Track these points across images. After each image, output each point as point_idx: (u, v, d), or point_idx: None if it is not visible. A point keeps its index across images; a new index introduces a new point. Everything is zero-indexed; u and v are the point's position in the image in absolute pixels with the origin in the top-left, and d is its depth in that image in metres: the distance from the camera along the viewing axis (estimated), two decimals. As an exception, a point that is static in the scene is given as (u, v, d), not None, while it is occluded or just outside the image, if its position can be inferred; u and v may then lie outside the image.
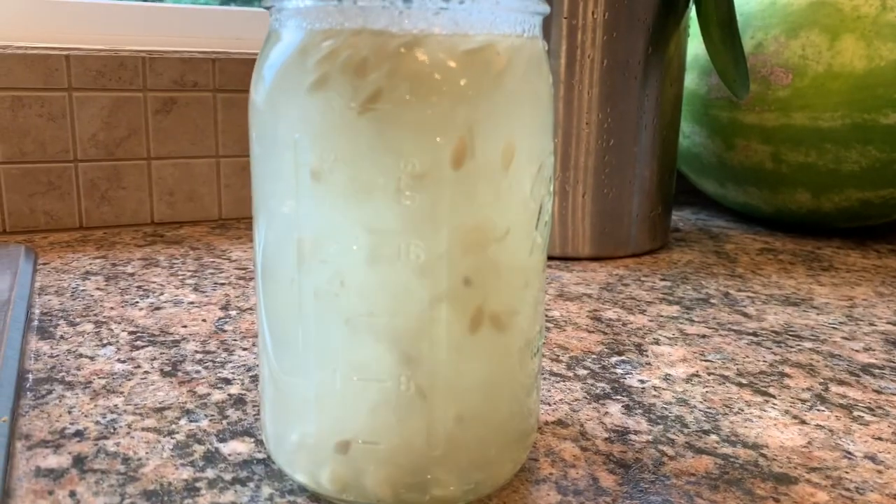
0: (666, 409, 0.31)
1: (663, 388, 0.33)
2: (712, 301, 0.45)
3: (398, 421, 0.22)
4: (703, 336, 0.39)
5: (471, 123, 0.21)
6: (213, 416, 0.29)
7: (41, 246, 0.53)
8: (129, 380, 0.32)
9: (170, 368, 0.34)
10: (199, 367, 0.34)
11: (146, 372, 0.33)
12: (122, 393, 0.31)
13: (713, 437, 0.29)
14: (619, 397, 0.32)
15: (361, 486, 0.23)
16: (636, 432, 0.29)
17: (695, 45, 0.63)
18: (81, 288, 0.44)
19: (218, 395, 0.31)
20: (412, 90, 0.20)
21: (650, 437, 0.29)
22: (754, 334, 0.40)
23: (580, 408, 0.31)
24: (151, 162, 0.58)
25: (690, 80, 0.63)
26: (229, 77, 0.59)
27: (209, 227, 0.60)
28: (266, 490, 0.24)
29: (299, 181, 0.22)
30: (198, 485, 0.25)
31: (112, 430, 0.28)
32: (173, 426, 0.29)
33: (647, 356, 0.36)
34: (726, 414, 0.31)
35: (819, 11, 0.56)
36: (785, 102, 0.57)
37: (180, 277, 0.47)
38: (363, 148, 0.20)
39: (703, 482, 0.26)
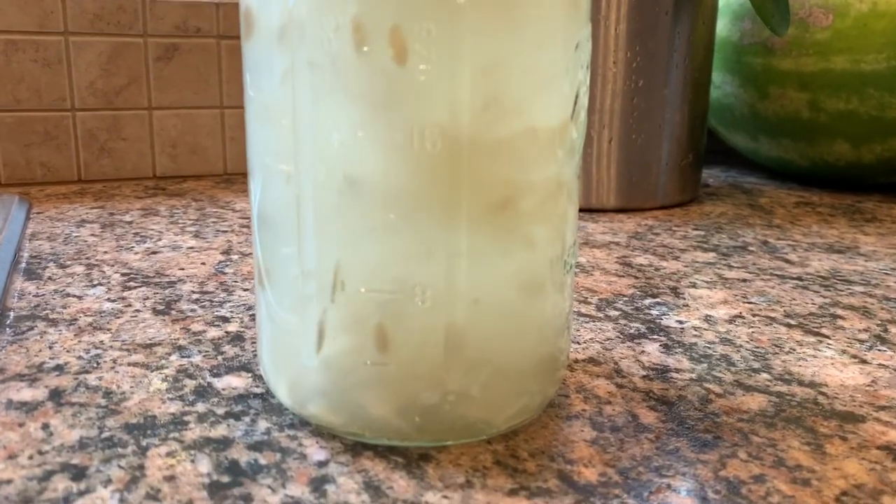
0: (709, 348, 0.28)
1: (704, 329, 0.30)
2: (750, 248, 0.42)
3: (411, 340, 0.19)
4: (744, 280, 0.36)
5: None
6: (207, 352, 0.27)
7: (37, 198, 0.50)
8: (118, 318, 0.30)
9: (163, 307, 0.31)
10: (195, 306, 0.31)
11: (137, 310, 0.31)
12: (109, 330, 0.28)
13: (764, 375, 0.26)
14: (655, 337, 0.29)
15: (368, 416, 0.20)
16: (677, 370, 0.26)
17: (726, -11, 0.59)
18: (75, 234, 0.42)
19: (214, 332, 0.28)
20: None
21: (693, 376, 0.26)
22: (799, 279, 0.37)
23: (613, 346, 0.28)
24: (153, 112, 0.56)
25: (722, 27, 0.59)
26: (234, 22, 0.56)
27: (213, 182, 0.57)
28: (263, 424, 0.22)
29: (296, 68, 0.19)
30: (186, 419, 0.22)
31: (95, 365, 0.25)
32: (163, 361, 0.26)
33: (685, 298, 0.33)
34: (777, 353, 0.28)
35: (862, -54, 0.52)
36: (824, 45, 0.53)
37: (180, 225, 0.44)
38: (369, 11, 0.17)
39: (757, 420, 0.23)
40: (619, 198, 0.50)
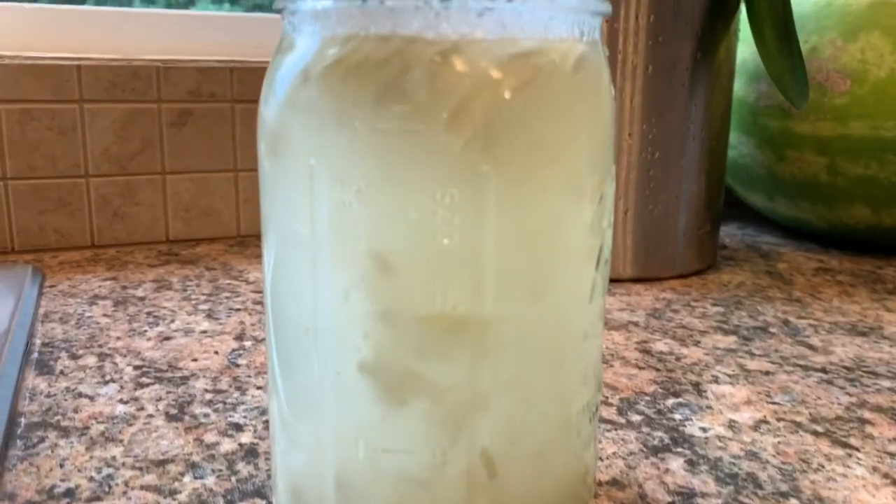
0: (734, 464, 0.27)
1: (729, 438, 0.29)
2: (771, 330, 0.41)
3: (432, 500, 0.19)
4: (767, 373, 0.35)
5: (520, 146, 0.17)
6: (220, 471, 0.26)
7: (50, 266, 0.50)
8: (131, 425, 0.29)
9: (176, 411, 0.30)
10: (209, 410, 0.31)
11: (150, 415, 0.30)
12: (121, 441, 0.28)
13: (793, 501, 0.25)
14: (679, 449, 0.28)
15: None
16: (703, 495, 0.25)
17: (742, 50, 0.59)
18: (88, 314, 0.41)
19: (227, 445, 0.28)
20: (450, 106, 0.17)
21: (720, 502, 0.25)
22: (823, 370, 0.36)
23: (637, 463, 0.27)
24: (166, 176, 0.55)
25: (738, 87, 0.59)
26: (248, 87, 0.56)
27: (227, 245, 0.57)
28: (278, 570, 0.21)
29: (315, 212, 0.18)
30: (199, 562, 0.21)
31: (107, 489, 0.25)
32: (176, 483, 0.25)
33: (707, 397, 0.33)
34: (805, 471, 0.27)
35: (880, 12, 0.52)
36: (842, 110, 0.53)
37: (193, 302, 0.44)
38: (392, 177, 0.17)
39: (789, 563, 0.22)
40: (636, 268, 0.49)
